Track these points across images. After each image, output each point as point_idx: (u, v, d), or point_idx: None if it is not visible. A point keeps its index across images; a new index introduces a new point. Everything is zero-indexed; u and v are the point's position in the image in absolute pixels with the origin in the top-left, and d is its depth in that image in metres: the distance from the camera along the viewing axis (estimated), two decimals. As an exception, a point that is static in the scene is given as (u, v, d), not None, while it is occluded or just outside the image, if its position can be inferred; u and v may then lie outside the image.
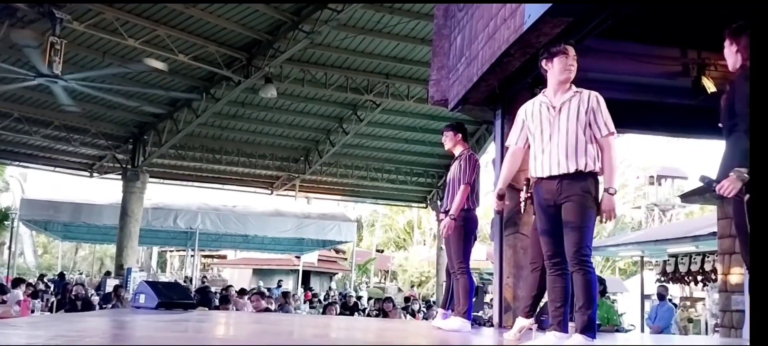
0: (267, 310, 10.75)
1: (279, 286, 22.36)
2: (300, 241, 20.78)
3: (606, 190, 3.92)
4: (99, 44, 13.30)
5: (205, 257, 31.57)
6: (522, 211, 5.88)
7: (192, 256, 23.00)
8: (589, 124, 4.03)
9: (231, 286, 16.92)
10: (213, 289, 15.63)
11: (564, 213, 3.97)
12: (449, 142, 6.29)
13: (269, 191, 20.66)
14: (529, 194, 5.24)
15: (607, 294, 10.47)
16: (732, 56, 3.72)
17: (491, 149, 17.84)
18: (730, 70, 3.81)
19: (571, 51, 4.23)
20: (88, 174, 18.85)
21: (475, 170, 6.04)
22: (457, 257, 5.93)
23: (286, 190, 20.51)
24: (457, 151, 6.24)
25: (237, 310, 11.57)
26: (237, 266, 31.95)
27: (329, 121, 18.30)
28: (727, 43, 3.78)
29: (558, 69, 4.22)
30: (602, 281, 9.79)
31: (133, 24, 12.67)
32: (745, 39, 3.63)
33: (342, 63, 15.49)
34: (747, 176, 3.33)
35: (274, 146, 19.26)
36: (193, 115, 16.52)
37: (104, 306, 12.26)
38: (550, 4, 5.31)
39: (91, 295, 13.60)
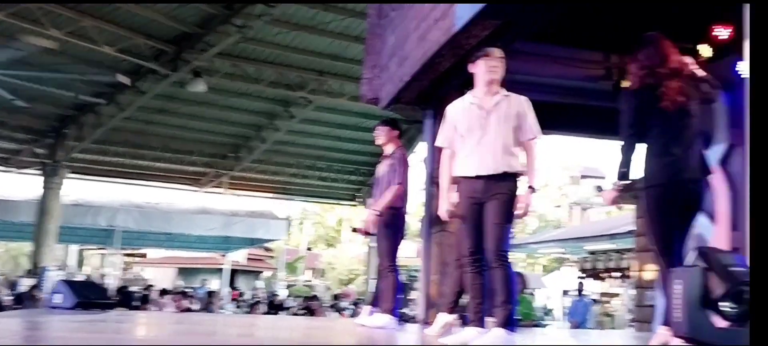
0: (189, 310, 10.61)
1: (203, 285, 22.01)
2: (227, 239, 20.43)
3: (529, 188, 4.15)
4: (21, 35, 12.80)
5: (128, 255, 30.68)
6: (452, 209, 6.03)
7: (112, 255, 22.34)
8: (517, 128, 4.21)
9: (152, 285, 16.57)
10: (135, 288, 15.30)
11: (488, 211, 4.12)
12: (383, 138, 6.32)
13: (196, 188, 20.30)
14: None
15: (526, 290, 10.79)
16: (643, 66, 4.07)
17: (420, 148, 18.10)
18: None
19: (495, 53, 4.37)
20: (4, 169, 18.07)
21: (407, 168, 6.13)
22: (386, 255, 6.02)
23: (213, 187, 20.18)
24: (390, 149, 6.28)
25: (158, 310, 11.39)
26: (160, 265, 31.18)
27: (260, 117, 18.13)
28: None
29: (482, 70, 4.34)
30: (522, 278, 10.11)
31: (58, 14, 12.28)
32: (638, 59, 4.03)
33: (275, 59, 15.38)
34: (620, 187, 3.87)
35: (202, 142, 18.89)
36: (118, 109, 16.07)
37: (17, 307, 11.83)
38: (480, 6, 5.47)
39: (6, 295, 13.08)
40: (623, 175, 3.88)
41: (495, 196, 4.12)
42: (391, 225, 6.00)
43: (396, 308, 5.97)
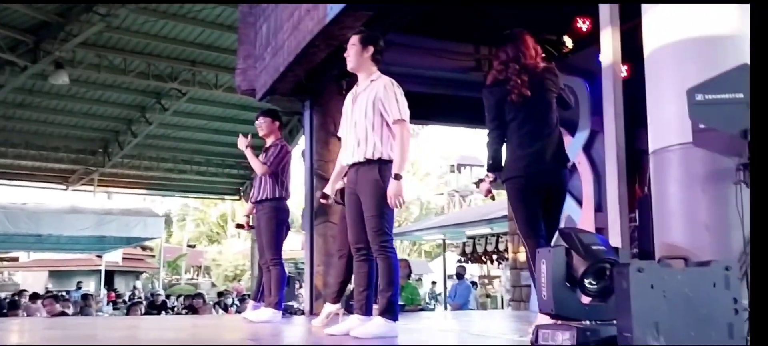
0: (63, 314, 10.08)
1: (79, 288, 20.98)
2: (101, 239, 19.43)
3: (394, 175, 4.04)
4: None
5: (-4, 259, 28.81)
6: (333, 200, 6.07)
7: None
8: (382, 112, 4.13)
9: (24, 290, 15.63)
10: (3, 294, 14.36)
11: (362, 202, 4.13)
12: (265, 129, 6.27)
13: (64, 186, 19.29)
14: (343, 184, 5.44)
15: (412, 276, 11.01)
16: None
17: (303, 140, 18.01)
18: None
19: (352, 40, 4.29)
20: None
21: (284, 159, 6.09)
22: (269, 248, 5.98)
23: (83, 185, 19.24)
24: (270, 140, 6.25)
25: (28, 316, 10.75)
26: (31, 269, 29.46)
27: (130, 110, 17.37)
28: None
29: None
30: (408, 264, 10.31)
31: None
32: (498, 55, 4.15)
33: (143, 48, 14.73)
34: (491, 178, 3.99)
35: (68, 138, 17.90)
36: (-29, 106, 14.98)
37: None
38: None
39: None
40: (490, 167, 4.01)
41: (364, 186, 4.11)
42: (273, 218, 5.97)
43: (280, 301, 5.95)
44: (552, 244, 3.10)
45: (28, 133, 17.23)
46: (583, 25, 7.14)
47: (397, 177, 4.02)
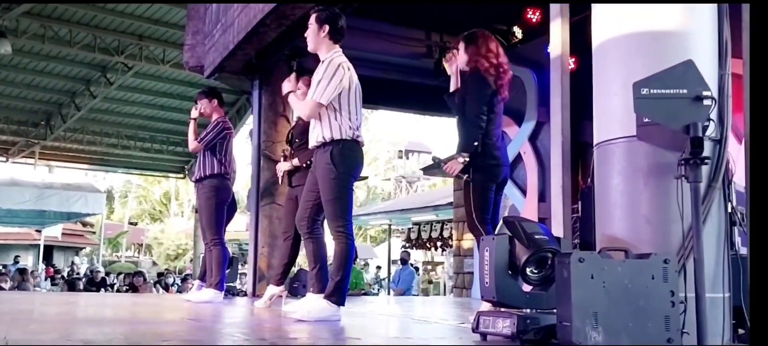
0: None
1: (16, 262, 20.39)
2: (41, 213, 18.94)
3: None
4: None
5: (-73, 231, 27.79)
6: (279, 182, 6.03)
7: None
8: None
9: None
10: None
11: (319, 186, 4.14)
12: (204, 108, 6.20)
13: (4, 158, 18.77)
14: (291, 166, 5.40)
15: (357, 260, 11.02)
16: (463, 57, 4.29)
17: (251, 120, 17.82)
18: (462, 69, 4.35)
19: (310, 19, 4.25)
20: None
21: (217, 136, 6.01)
22: (209, 228, 5.91)
23: (24, 157, 18.73)
24: (213, 118, 6.18)
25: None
26: (-35, 241, 28.55)
27: (74, 82, 16.89)
28: (461, 46, 4.31)
29: None
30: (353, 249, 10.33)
31: None
32: (473, 47, 4.22)
33: (89, 20, 14.29)
34: (467, 159, 3.93)
35: (9, 109, 17.38)
36: None
37: None
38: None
39: None
40: (472, 149, 4.03)
41: (319, 170, 4.13)
42: (211, 196, 5.90)
43: (222, 281, 5.89)
44: (495, 232, 3.12)
45: (-32, 103, 16.66)
46: (533, 16, 7.23)
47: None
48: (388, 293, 15.96)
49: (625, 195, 3.05)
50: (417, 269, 17.49)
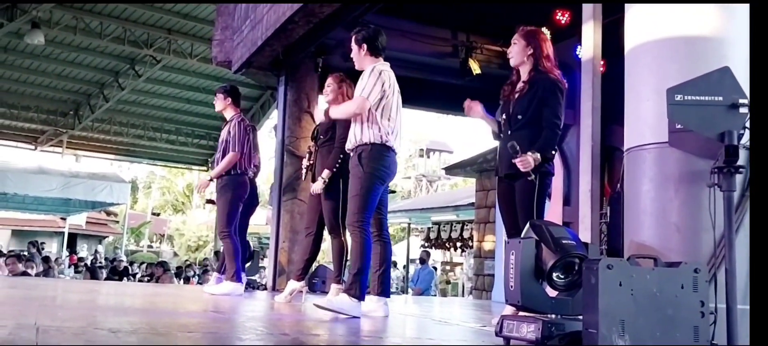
0: (25, 274, 9.92)
1: (41, 248, 20.66)
2: (67, 201, 19.20)
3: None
4: None
5: (-44, 215, 28.25)
6: (302, 178, 6.05)
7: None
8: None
9: (-15, 247, 15.34)
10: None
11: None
12: (220, 104, 6.30)
13: (33, 146, 19.00)
14: (311, 162, 5.40)
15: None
16: (519, 54, 4.06)
17: (275, 115, 17.89)
18: (513, 66, 4.14)
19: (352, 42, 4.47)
20: None
21: (247, 135, 6.08)
22: (222, 221, 5.98)
23: (52, 146, 18.98)
24: (228, 114, 6.24)
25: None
26: (-6, 227, 28.99)
27: (104, 74, 17.11)
28: (520, 41, 4.09)
29: None
30: None
31: None
32: (537, 45, 4.02)
33: (120, 13, 14.47)
34: (538, 161, 3.81)
35: (39, 98, 17.66)
36: (-54, 60, 14.66)
37: None
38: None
39: None
40: (552, 157, 3.97)
41: (351, 169, 4.33)
42: (229, 190, 5.96)
43: (238, 272, 5.94)
44: (522, 235, 3.09)
45: (0, 90, 16.91)
46: (562, 17, 7.16)
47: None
48: (406, 292, 15.94)
49: (655, 202, 3.01)
50: (435, 268, 17.45)
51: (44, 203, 19.90)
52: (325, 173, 5.03)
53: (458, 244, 16.91)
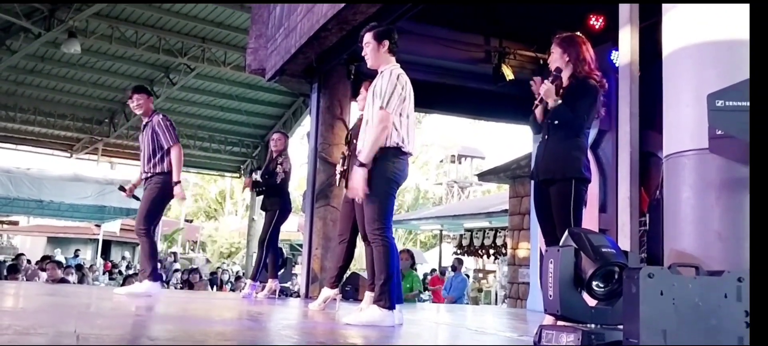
0: (64, 281, 10.09)
1: (76, 255, 21.00)
2: (101, 209, 19.43)
3: (359, 163, 4.06)
4: None
5: (-6, 222, 28.85)
6: (337, 184, 6.05)
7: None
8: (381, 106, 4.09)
9: (23, 254, 15.64)
10: (1, 257, 14.36)
11: None
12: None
13: (68, 154, 19.34)
14: (344, 168, 5.40)
15: (415, 266, 11.01)
16: (557, 61, 4.02)
17: (307, 122, 17.99)
18: (552, 70, 4.06)
19: (366, 38, 4.30)
20: None
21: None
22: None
23: (87, 153, 19.31)
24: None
25: (27, 280, 10.78)
26: (30, 233, 29.49)
27: (138, 82, 17.34)
28: (557, 48, 4.05)
29: None
30: (410, 255, 10.34)
31: None
32: (574, 50, 3.97)
33: (155, 22, 14.72)
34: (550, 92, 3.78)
35: (75, 106, 18.00)
36: (-15, 68, 15.02)
37: None
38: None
39: None
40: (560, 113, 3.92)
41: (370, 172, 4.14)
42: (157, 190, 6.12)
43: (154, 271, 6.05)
44: (560, 243, 3.05)
45: (37, 99, 17.33)
46: (596, 22, 7.07)
47: (357, 164, 4.05)
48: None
49: (696, 209, 2.96)
50: (467, 276, 17.35)
51: (79, 211, 20.18)
52: None
53: (491, 251, 16.80)
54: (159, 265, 13.87)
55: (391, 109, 4.03)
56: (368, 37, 4.25)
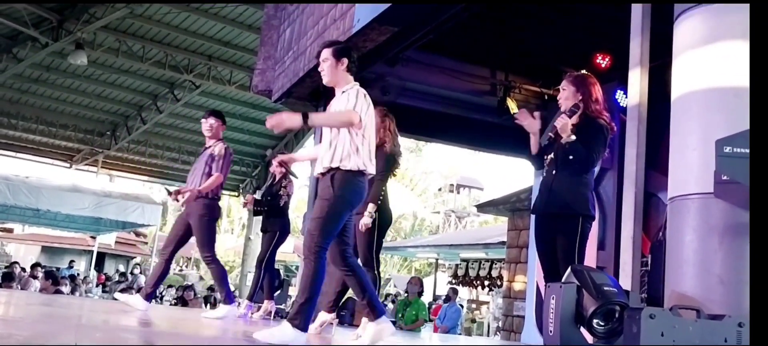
0: (58, 292, 10.06)
1: (71, 266, 20.92)
2: (98, 220, 19.42)
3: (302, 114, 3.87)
4: None
5: (-12, 229, 28.78)
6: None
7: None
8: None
9: (17, 263, 15.60)
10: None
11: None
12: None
13: (68, 164, 19.35)
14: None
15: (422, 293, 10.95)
16: (569, 100, 4.08)
17: (309, 144, 18.04)
18: (564, 108, 4.10)
19: (323, 53, 4.13)
20: None
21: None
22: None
23: (87, 164, 19.30)
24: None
25: (21, 289, 10.74)
26: (24, 242, 29.38)
27: (143, 97, 17.44)
28: (569, 86, 4.12)
29: None
30: (420, 282, 10.33)
31: None
32: (586, 90, 4.05)
33: (162, 38, 14.80)
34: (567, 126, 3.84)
35: (78, 117, 18.02)
36: (-11, 75, 15.08)
37: None
38: (380, 10, 5.52)
39: None
40: (575, 150, 3.96)
41: (320, 192, 4.02)
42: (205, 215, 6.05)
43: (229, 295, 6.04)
44: (563, 280, 3.08)
45: (41, 108, 17.38)
46: (602, 61, 7.14)
47: (305, 117, 3.82)
48: (434, 330, 15.80)
49: (698, 253, 2.99)
50: (461, 306, 17.30)
51: (75, 221, 20.15)
52: (371, 206, 4.97)
53: (486, 282, 16.76)
54: (126, 281, 13.78)
55: (362, 114, 3.87)
56: (327, 53, 4.07)
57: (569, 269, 3.08)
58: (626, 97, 6.40)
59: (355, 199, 3.96)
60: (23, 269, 13.84)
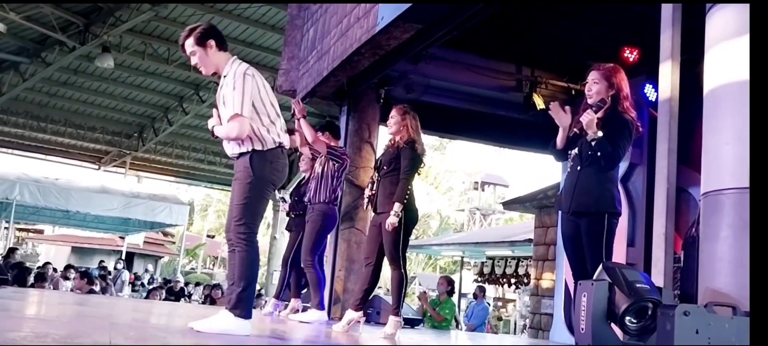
0: (91, 292, 10.18)
1: (101, 266, 21.19)
2: (126, 221, 19.68)
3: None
4: None
5: (20, 230, 29.24)
6: (364, 208, 6.08)
7: (6, 229, 21.19)
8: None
9: (49, 263, 15.83)
10: (27, 265, 14.51)
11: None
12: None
13: (96, 166, 19.62)
14: (372, 193, 5.40)
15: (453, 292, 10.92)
16: (601, 94, 4.03)
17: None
18: (591, 104, 4.05)
19: (186, 46, 3.89)
20: None
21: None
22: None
23: (115, 166, 19.57)
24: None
25: (54, 289, 10.89)
26: (55, 243, 29.85)
27: (169, 98, 17.63)
28: (599, 78, 4.06)
29: None
30: (452, 282, 10.29)
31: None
32: (616, 82, 4.01)
33: (187, 40, 14.92)
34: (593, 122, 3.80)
35: (105, 119, 18.30)
36: (20, 79, 15.34)
37: None
38: (403, 8, 5.50)
39: None
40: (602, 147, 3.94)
41: (237, 174, 3.88)
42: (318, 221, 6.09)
43: (321, 302, 6.12)
44: (594, 277, 3.04)
45: (69, 111, 17.66)
46: (630, 55, 7.04)
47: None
48: (457, 327, 15.75)
49: (733, 249, 2.93)
50: (488, 304, 17.23)
51: (104, 222, 20.43)
52: (397, 206, 4.97)
53: (513, 280, 16.67)
54: (109, 276, 13.86)
55: (247, 113, 3.71)
56: (190, 45, 3.83)
57: (601, 266, 3.05)
58: (655, 91, 6.34)
59: (277, 177, 3.85)
60: (55, 269, 14.02)
